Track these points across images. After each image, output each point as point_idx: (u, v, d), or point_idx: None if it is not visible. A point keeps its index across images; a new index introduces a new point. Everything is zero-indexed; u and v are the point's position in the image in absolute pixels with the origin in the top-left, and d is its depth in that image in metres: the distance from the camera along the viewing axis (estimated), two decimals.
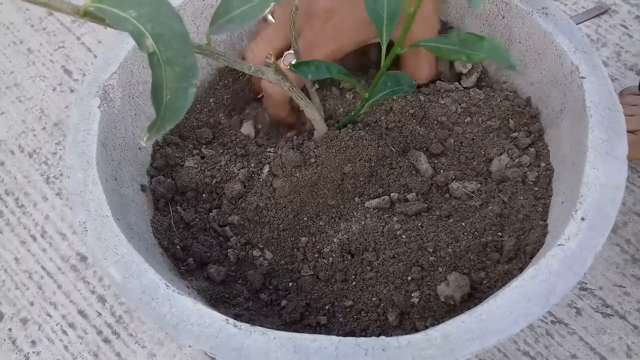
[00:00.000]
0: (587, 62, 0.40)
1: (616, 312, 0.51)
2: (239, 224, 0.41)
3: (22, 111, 0.68)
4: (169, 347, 0.52)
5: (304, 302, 0.38)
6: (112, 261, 0.33)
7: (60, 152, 0.65)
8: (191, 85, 0.22)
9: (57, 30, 0.75)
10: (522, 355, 0.49)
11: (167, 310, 0.31)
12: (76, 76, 0.71)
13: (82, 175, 0.36)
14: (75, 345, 0.53)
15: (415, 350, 0.29)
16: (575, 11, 0.74)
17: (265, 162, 0.42)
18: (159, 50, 0.22)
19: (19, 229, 0.60)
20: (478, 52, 0.33)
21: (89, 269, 0.57)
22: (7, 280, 0.57)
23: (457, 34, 0.33)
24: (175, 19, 0.23)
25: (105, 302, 0.55)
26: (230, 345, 0.30)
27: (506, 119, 0.44)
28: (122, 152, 0.41)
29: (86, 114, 0.39)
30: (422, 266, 0.38)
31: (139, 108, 0.43)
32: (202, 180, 0.42)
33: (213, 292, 0.38)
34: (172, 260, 0.39)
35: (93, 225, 0.34)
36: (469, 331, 0.30)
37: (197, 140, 0.46)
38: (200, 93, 0.48)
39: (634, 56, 0.69)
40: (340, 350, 0.29)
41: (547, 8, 0.43)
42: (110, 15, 0.22)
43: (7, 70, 0.72)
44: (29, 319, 0.54)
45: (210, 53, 0.30)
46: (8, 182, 0.63)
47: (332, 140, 0.41)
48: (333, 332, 0.37)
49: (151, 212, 0.41)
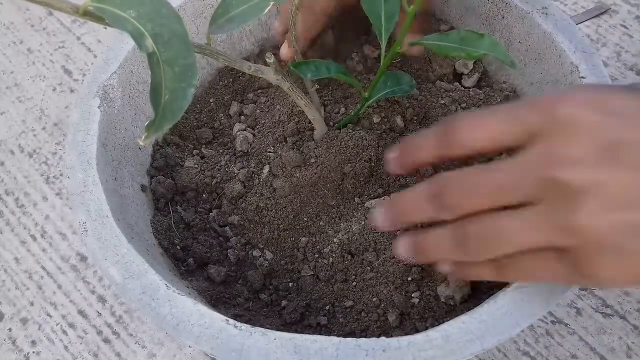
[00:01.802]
0: (587, 62, 0.40)
1: (616, 312, 0.51)
2: (239, 224, 0.41)
3: (22, 111, 0.68)
4: (169, 347, 0.52)
5: (304, 303, 0.38)
6: (112, 261, 0.33)
7: (60, 152, 0.65)
8: (190, 85, 0.22)
9: (57, 30, 0.75)
10: (522, 355, 0.49)
11: (167, 311, 0.31)
12: (76, 76, 0.71)
13: (82, 175, 0.36)
14: (75, 345, 0.53)
15: (416, 351, 0.29)
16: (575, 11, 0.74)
17: (265, 162, 0.42)
18: (159, 51, 0.22)
19: (19, 229, 0.60)
20: (478, 49, 0.33)
21: (89, 269, 0.57)
22: (7, 280, 0.56)
23: (456, 32, 0.34)
24: (175, 19, 0.23)
25: (105, 302, 0.55)
26: (230, 345, 0.29)
27: None
28: (122, 152, 0.41)
29: (86, 114, 0.39)
30: (422, 266, 0.38)
31: (139, 108, 0.43)
32: (202, 180, 0.42)
33: (213, 292, 0.38)
34: (172, 260, 0.39)
35: (93, 226, 0.34)
36: (470, 332, 0.30)
37: (197, 140, 0.46)
38: (200, 93, 0.48)
39: (634, 56, 0.69)
40: (340, 351, 0.29)
41: (547, 8, 0.43)
42: (110, 15, 0.22)
43: (7, 70, 0.72)
44: (29, 319, 0.54)
45: (210, 53, 0.30)
46: (8, 182, 0.63)
47: (332, 140, 0.41)
48: (333, 332, 0.37)
49: (151, 212, 0.41)
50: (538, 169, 0.26)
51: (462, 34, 0.33)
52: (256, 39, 0.51)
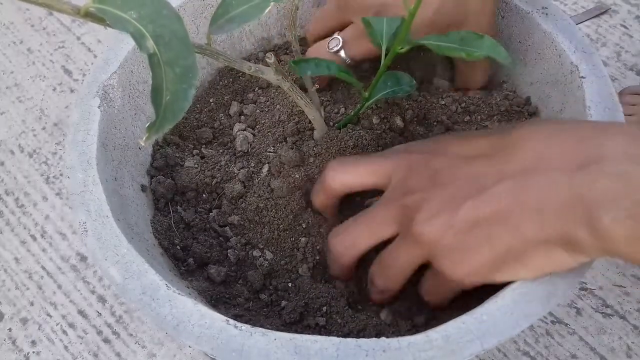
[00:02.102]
0: (587, 62, 0.40)
1: (616, 312, 0.51)
2: (239, 224, 0.41)
3: (22, 111, 0.68)
4: (169, 347, 0.52)
5: (302, 302, 0.38)
6: (113, 261, 0.33)
7: (60, 152, 0.65)
8: (191, 86, 0.22)
9: (57, 30, 0.75)
10: (522, 355, 0.49)
11: (167, 311, 0.31)
12: (76, 76, 0.71)
13: (82, 175, 0.36)
14: (75, 345, 0.53)
15: (416, 352, 0.29)
16: (575, 11, 0.74)
17: (264, 162, 0.42)
18: (159, 52, 0.22)
19: (19, 229, 0.60)
20: (478, 50, 0.33)
21: (89, 269, 0.57)
22: (7, 280, 0.57)
23: (456, 32, 0.34)
24: (175, 20, 0.23)
25: (105, 302, 0.55)
26: (230, 346, 0.30)
27: (505, 118, 0.44)
28: (122, 152, 0.41)
29: (86, 114, 0.39)
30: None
31: (139, 108, 0.43)
32: (202, 180, 0.42)
33: (213, 292, 0.38)
34: (172, 260, 0.39)
35: (93, 226, 0.34)
36: (470, 332, 0.30)
37: (197, 140, 0.46)
38: (200, 93, 0.48)
39: (634, 56, 0.69)
40: (340, 352, 0.29)
41: (547, 8, 0.43)
42: (111, 16, 0.22)
43: (7, 70, 0.72)
44: (29, 319, 0.54)
45: (210, 53, 0.30)
46: (8, 182, 0.63)
47: (332, 140, 0.41)
48: (333, 333, 0.37)
49: (151, 212, 0.41)
50: (393, 202, 0.34)
51: (462, 34, 0.33)
52: (256, 39, 0.51)
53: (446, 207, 0.31)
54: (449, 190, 0.32)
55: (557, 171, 0.29)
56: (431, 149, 0.35)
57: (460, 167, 0.32)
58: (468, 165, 0.32)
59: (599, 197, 0.27)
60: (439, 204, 0.32)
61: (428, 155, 0.34)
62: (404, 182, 0.34)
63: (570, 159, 0.29)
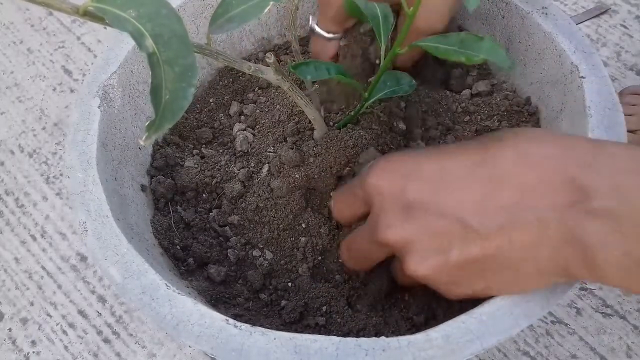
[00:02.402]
0: (587, 62, 0.40)
1: (616, 312, 0.51)
2: (239, 224, 0.41)
3: (22, 111, 0.68)
4: (169, 347, 0.52)
5: (302, 302, 0.38)
6: (112, 261, 0.33)
7: (60, 152, 0.65)
8: (190, 85, 0.22)
9: (57, 30, 0.75)
10: (522, 355, 0.49)
11: (167, 311, 0.31)
12: (76, 76, 0.71)
13: (82, 175, 0.36)
14: (75, 345, 0.53)
15: (416, 351, 0.29)
16: (575, 11, 0.74)
17: (264, 162, 0.42)
18: (159, 51, 0.22)
19: (19, 229, 0.60)
20: (477, 53, 0.33)
21: (89, 269, 0.57)
22: (7, 280, 0.57)
23: (456, 34, 0.33)
24: (175, 19, 0.23)
25: (105, 302, 0.55)
26: (230, 345, 0.30)
27: (505, 118, 0.44)
28: (122, 152, 0.41)
29: (86, 114, 0.39)
30: None
31: (139, 108, 0.43)
32: (202, 180, 0.42)
33: (213, 292, 0.38)
34: (172, 260, 0.39)
35: (93, 225, 0.34)
36: (470, 332, 0.30)
37: (197, 140, 0.46)
38: (200, 93, 0.48)
39: (634, 56, 0.69)
40: (340, 351, 0.29)
41: (547, 8, 0.43)
42: (111, 15, 0.22)
43: (7, 70, 0.72)
44: (29, 319, 0.54)
45: (210, 53, 0.30)
46: (8, 182, 0.63)
47: (332, 140, 0.41)
48: (332, 332, 0.37)
49: (151, 212, 0.41)
50: (371, 235, 0.33)
51: (461, 37, 0.33)
52: (256, 39, 0.51)
53: (433, 246, 0.31)
54: (432, 226, 0.31)
55: (547, 210, 0.28)
56: (408, 171, 0.33)
57: (438, 197, 0.31)
58: (445, 193, 0.31)
59: (591, 237, 0.27)
60: (424, 244, 0.31)
61: (402, 182, 0.32)
62: (377, 216, 0.33)
63: (558, 195, 0.28)
